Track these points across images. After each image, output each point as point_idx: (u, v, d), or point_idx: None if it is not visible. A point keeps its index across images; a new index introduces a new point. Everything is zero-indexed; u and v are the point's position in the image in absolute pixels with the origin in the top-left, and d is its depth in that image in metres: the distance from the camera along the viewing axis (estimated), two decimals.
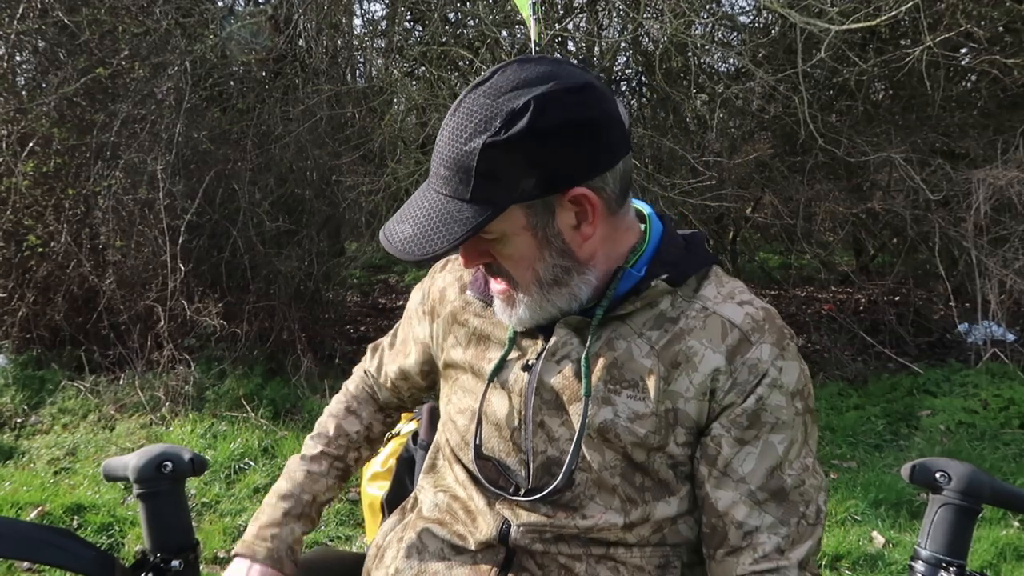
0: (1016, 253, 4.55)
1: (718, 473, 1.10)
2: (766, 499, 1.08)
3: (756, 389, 1.08)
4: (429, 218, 1.03)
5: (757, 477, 1.08)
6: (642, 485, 1.13)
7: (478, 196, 1.01)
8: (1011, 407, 4.21)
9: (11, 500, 3.27)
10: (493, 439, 1.19)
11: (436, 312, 1.31)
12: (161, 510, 1.21)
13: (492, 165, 0.99)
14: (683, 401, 1.10)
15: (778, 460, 1.09)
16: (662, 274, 1.12)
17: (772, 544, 1.07)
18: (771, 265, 7.07)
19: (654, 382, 1.09)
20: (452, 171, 1.01)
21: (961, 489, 1.22)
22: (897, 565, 2.94)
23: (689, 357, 1.09)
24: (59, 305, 4.71)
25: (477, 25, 4.93)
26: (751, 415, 1.08)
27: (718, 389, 1.09)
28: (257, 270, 4.82)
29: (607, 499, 1.13)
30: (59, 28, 4.61)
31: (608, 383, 1.11)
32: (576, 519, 1.13)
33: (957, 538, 1.22)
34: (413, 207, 1.06)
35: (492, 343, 1.22)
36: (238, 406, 4.21)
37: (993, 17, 4.62)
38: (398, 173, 4.77)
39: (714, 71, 5.34)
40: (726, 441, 1.09)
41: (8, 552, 1.09)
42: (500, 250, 1.08)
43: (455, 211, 1.02)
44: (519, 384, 1.16)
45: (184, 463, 1.23)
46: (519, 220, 1.05)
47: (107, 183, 4.45)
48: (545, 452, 1.15)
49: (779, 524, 1.08)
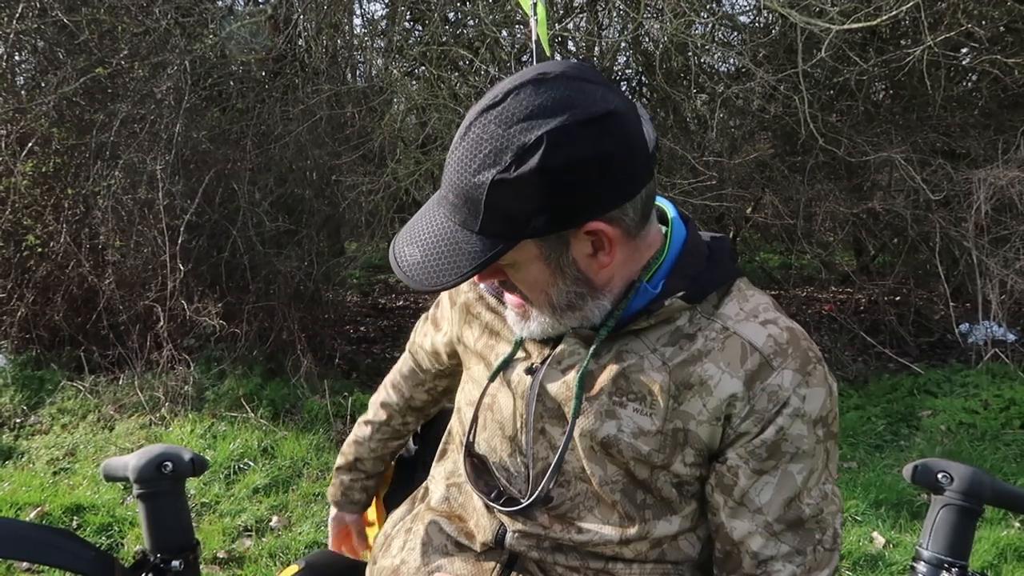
0: (1017, 253, 4.55)
1: (734, 503, 1.07)
2: (783, 530, 1.06)
3: (776, 419, 1.03)
4: (437, 245, 0.99)
5: (775, 508, 1.06)
6: (643, 503, 1.10)
7: (488, 230, 0.97)
8: (1012, 407, 4.20)
9: (10, 500, 3.27)
10: (496, 437, 1.18)
11: (453, 299, 1.32)
12: (161, 510, 1.21)
13: (501, 201, 0.94)
14: (695, 423, 1.06)
15: (797, 491, 1.05)
16: (680, 289, 1.06)
17: (787, 572, 1.06)
18: (771, 265, 7.07)
19: (663, 399, 1.05)
20: (461, 200, 0.97)
21: (963, 490, 1.22)
22: (898, 566, 2.93)
23: (704, 380, 1.05)
24: (58, 305, 4.70)
25: (477, 25, 4.93)
26: (770, 446, 1.04)
27: (734, 416, 1.04)
28: (257, 270, 4.82)
29: (605, 513, 1.11)
30: (58, 27, 4.60)
31: (614, 395, 1.08)
32: (572, 532, 1.11)
33: (959, 539, 1.22)
34: (422, 228, 1.02)
35: (501, 339, 1.20)
36: (238, 406, 4.21)
37: (994, 17, 4.62)
38: (398, 173, 4.77)
39: (714, 71, 5.34)
40: (743, 472, 1.06)
41: (8, 552, 1.08)
42: (513, 275, 1.05)
43: (464, 242, 0.98)
44: (522, 387, 1.14)
45: (184, 463, 1.22)
46: (532, 251, 1.01)
47: (106, 183, 4.44)
48: (547, 459, 1.12)
49: (795, 553, 1.06)
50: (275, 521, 3.28)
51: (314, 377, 4.59)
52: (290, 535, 3.16)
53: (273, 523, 3.27)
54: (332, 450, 3.91)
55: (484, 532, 1.19)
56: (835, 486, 1.10)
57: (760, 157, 5.11)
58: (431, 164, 4.89)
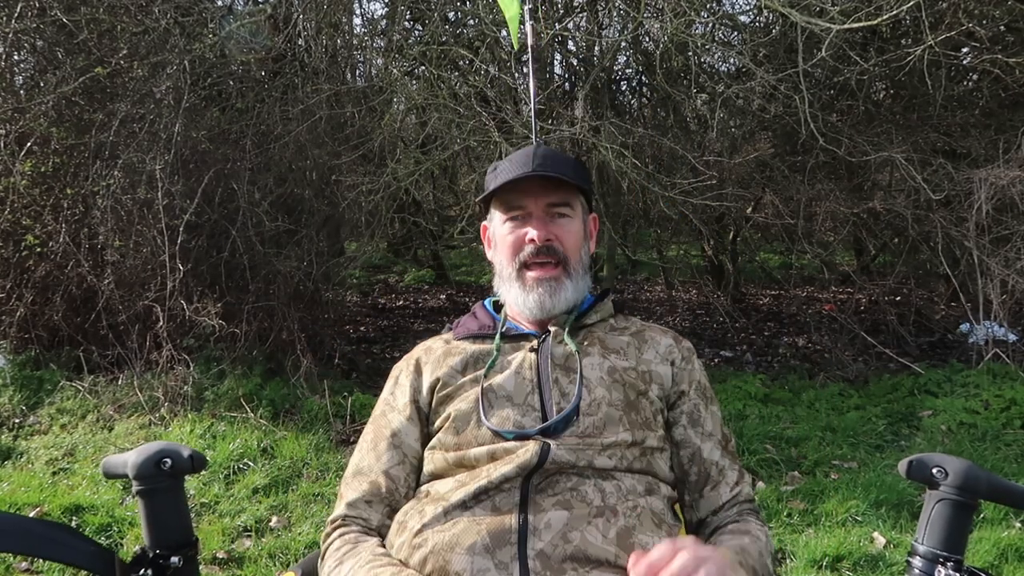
0: (1018, 253, 4.55)
1: (701, 431, 1.52)
2: (724, 445, 1.52)
3: (695, 366, 1.58)
4: (553, 169, 1.54)
5: (717, 431, 1.53)
6: (634, 421, 1.45)
7: (577, 179, 1.57)
8: (1012, 407, 4.20)
9: (9, 500, 3.26)
10: (506, 408, 1.45)
11: (421, 365, 1.58)
12: (160, 507, 1.20)
13: (583, 171, 1.65)
14: (654, 364, 1.55)
15: (720, 423, 1.55)
16: (606, 296, 1.69)
17: (733, 477, 1.48)
18: (771, 265, 7.07)
19: (631, 350, 1.56)
20: (560, 164, 1.56)
21: (958, 484, 1.22)
22: (898, 566, 2.93)
23: (650, 339, 1.59)
24: (57, 305, 4.70)
25: (477, 25, 4.93)
26: (705, 389, 1.57)
27: (676, 360, 1.57)
28: (256, 270, 4.81)
29: (614, 428, 1.43)
30: (57, 27, 4.60)
31: (601, 352, 1.54)
32: (599, 438, 1.40)
33: (954, 533, 1.22)
34: (532, 163, 1.55)
35: (483, 359, 1.55)
36: (237, 406, 4.20)
37: (995, 16, 4.62)
38: (398, 173, 4.77)
39: (715, 71, 5.34)
40: (701, 407, 1.54)
41: (8, 547, 1.08)
42: (568, 226, 1.57)
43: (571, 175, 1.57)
44: (528, 360, 1.52)
45: (183, 460, 1.22)
46: (580, 212, 1.61)
47: (106, 183, 4.43)
48: (559, 403, 1.45)
49: (733, 463, 1.50)
50: (275, 521, 3.27)
51: (314, 377, 4.59)
52: (289, 535, 3.15)
53: (273, 523, 3.26)
54: (332, 450, 3.90)
55: (519, 460, 1.34)
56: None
57: (760, 157, 5.11)
58: (431, 164, 4.89)
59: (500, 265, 1.62)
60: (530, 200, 1.56)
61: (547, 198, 1.55)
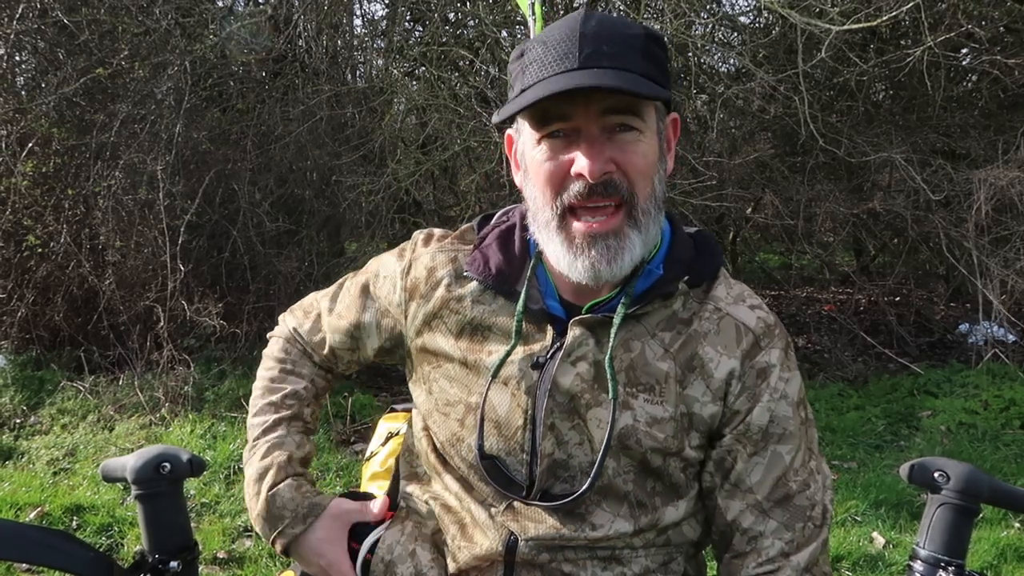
0: (1017, 253, 4.55)
1: (730, 486, 1.12)
2: (772, 507, 1.10)
3: (762, 397, 1.10)
4: (613, 63, 1.02)
5: (765, 487, 1.10)
6: (653, 490, 1.12)
7: (652, 75, 1.04)
8: (1012, 408, 4.20)
9: (10, 501, 3.27)
10: (492, 437, 1.14)
11: (419, 291, 1.22)
12: (159, 511, 1.20)
13: (659, 54, 1.07)
14: (699, 406, 1.10)
15: (784, 469, 1.11)
16: (678, 272, 1.12)
17: (776, 549, 1.09)
18: (771, 265, 7.06)
19: (671, 386, 1.10)
20: (618, 49, 1.03)
21: (960, 489, 1.21)
22: (897, 566, 2.93)
23: (705, 363, 1.10)
24: (58, 305, 4.70)
25: (477, 25, 4.93)
26: (763, 429, 1.10)
27: (730, 393, 1.10)
28: (257, 270, 4.82)
29: (614, 506, 1.11)
30: (58, 28, 4.61)
31: (625, 386, 1.09)
32: (585, 530, 1.10)
33: (955, 537, 1.21)
34: (590, 74, 1.02)
35: (492, 334, 1.16)
36: (238, 407, 4.20)
37: (994, 17, 4.62)
38: (398, 173, 4.77)
39: (714, 71, 5.33)
40: (740, 456, 1.11)
41: (6, 554, 1.08)
42: (636, 147, 1.05)
43: (641, 74, 1.04)
44: (527, 382, 1.11)
45: (182, 464, 1.22)
46: (654, 121, 1.07)
47: (107, 183, 4.44)
48: (552, 455, 1.11)
49: (783, 528, 1.10)
50: None
51: None
52: None
53: None
54: (332, 450, 3.90)
55: (485, 546, 1.13)
56: (823, 464, 1.15)
57: (760, 157, 5.11)
58: (431, 164, 4.88)
59: (534, 203, 1.11)
60: (578, 108, 1.03)
61: (604, 101, 1.02)
